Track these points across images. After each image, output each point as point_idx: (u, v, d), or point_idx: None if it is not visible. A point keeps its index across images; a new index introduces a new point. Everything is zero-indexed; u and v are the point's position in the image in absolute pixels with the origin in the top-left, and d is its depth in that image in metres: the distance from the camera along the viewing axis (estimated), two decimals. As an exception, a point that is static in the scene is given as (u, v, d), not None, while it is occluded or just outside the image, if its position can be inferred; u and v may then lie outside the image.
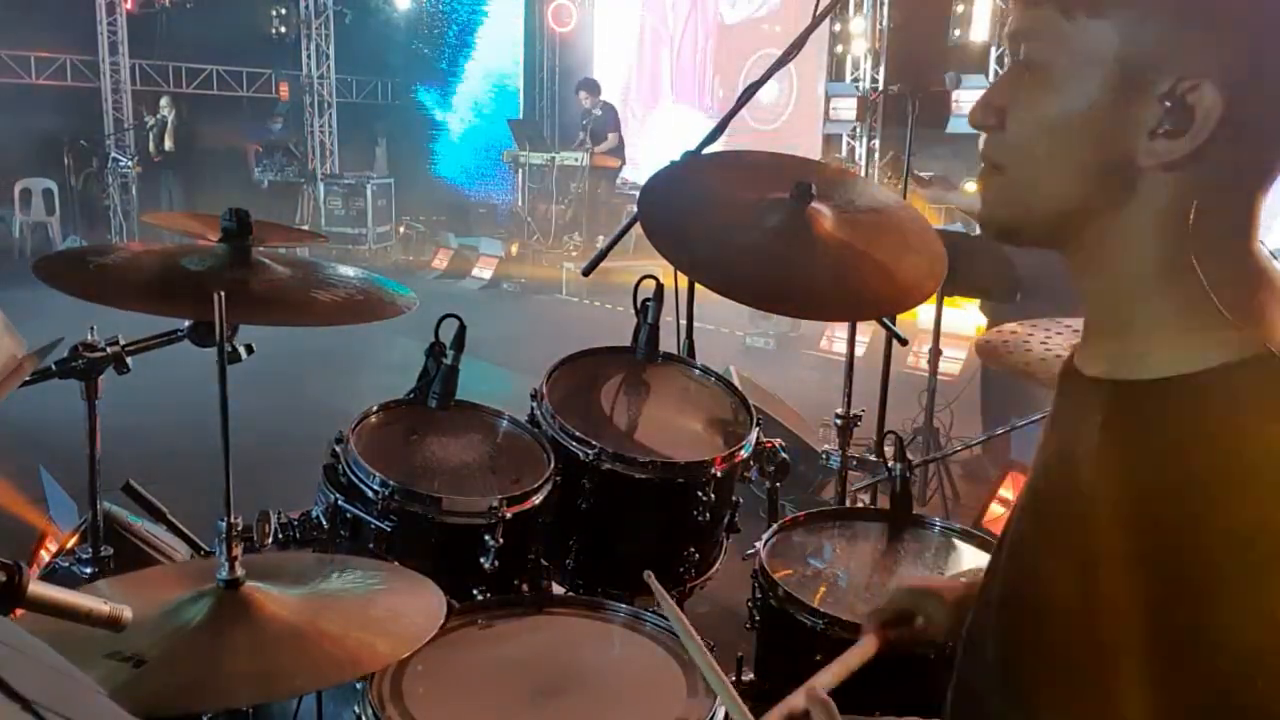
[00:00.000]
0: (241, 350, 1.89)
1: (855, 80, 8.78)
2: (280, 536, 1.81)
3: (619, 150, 11.44)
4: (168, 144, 12.00)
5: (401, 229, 12.81)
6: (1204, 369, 0.80)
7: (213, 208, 1.90)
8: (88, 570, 1.98)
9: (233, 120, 13.20)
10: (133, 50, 12.50)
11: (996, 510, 3.95)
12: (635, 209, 2.00)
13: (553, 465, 2.03)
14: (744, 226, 1.86)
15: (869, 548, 2.05)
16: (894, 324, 2.62)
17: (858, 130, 9.51)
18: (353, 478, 1.90)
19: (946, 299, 4.47)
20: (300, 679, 1.32)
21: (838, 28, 8.54)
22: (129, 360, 1.90)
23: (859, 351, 2.43)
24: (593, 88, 11.55)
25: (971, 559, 1.98)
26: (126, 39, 12.38)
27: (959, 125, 8.39)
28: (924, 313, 5.26)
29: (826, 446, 3.34)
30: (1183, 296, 0.83)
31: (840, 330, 5.26)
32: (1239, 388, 0.79)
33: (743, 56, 11.42)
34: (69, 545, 2.36)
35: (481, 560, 1.88)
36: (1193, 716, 0.74)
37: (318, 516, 1.91)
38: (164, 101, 12.28)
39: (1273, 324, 0.81)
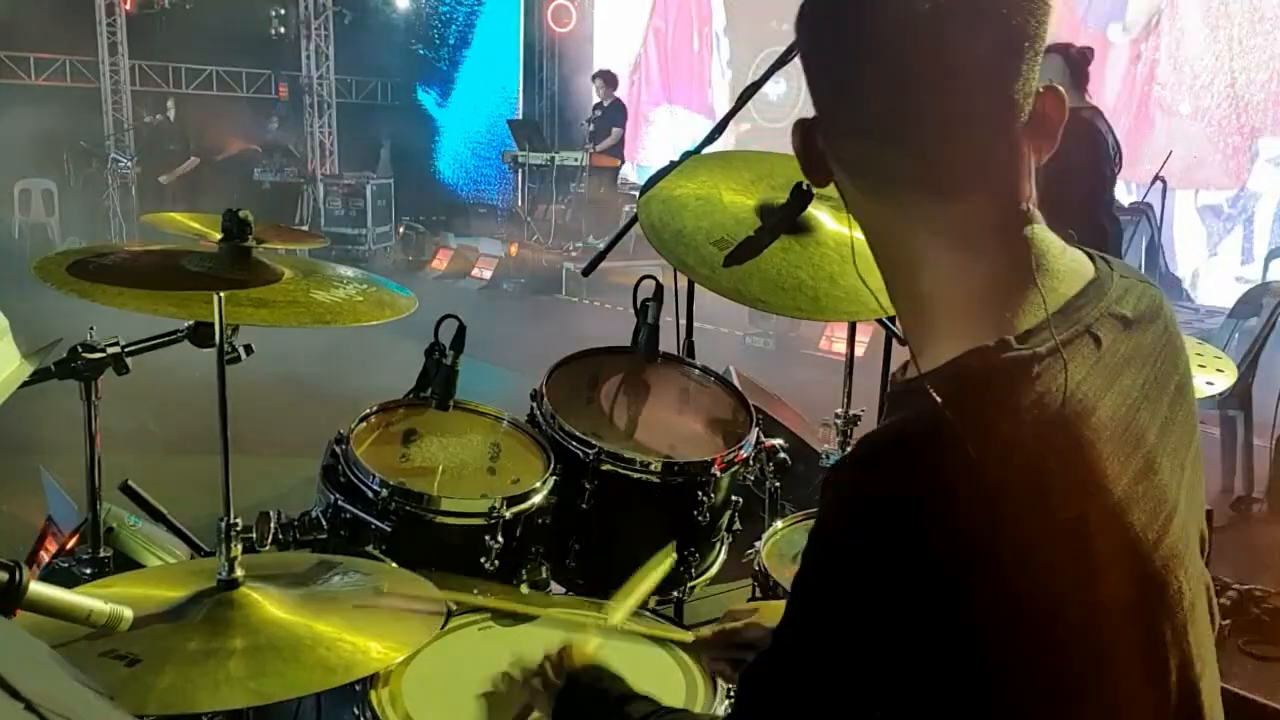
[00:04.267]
0: (241, 351, 1.89)
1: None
2: (280, 537, 1.81)
3: (618, 149, 11.44)
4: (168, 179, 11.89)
5: (401, 229, 12.81)
6: (919, 373, 0.89)
7: (213, 208, 1.90)
8: (88, 570, 1.98)
9: (233, 121, 13.19)
10: (132, 51, 12.50)
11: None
12: (632, 207, 2.00)
13: (553, 465, 2.03)
14: (743, 226, 1.86)
15: (869, 548, 2.05)
16: (894, 324, 2.62)
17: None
18: (352, 478, 1.90)
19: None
20: (297, 682, 1.32)
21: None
22: (128, 361, 1.90)
23: (859, 351, 2.43)
24: (610, 80, 11.52)
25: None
26: (126, 39, 12.38)
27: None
28: (924, 312, 5.24)
29: (826, 446, 3.33)
30: (923, 304, 0.93)
31: (840, 330, 5.25)
32: (939, 385, 0.86)
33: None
34: (69, 545, 2.36)
35: (482, 560, 1.88)
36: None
37: (317, 517, 1.91)
38: (170, 103, 12.29)
39: (1001, 322, 0.88)
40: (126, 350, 1.89)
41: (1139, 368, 0.92)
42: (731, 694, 1.54)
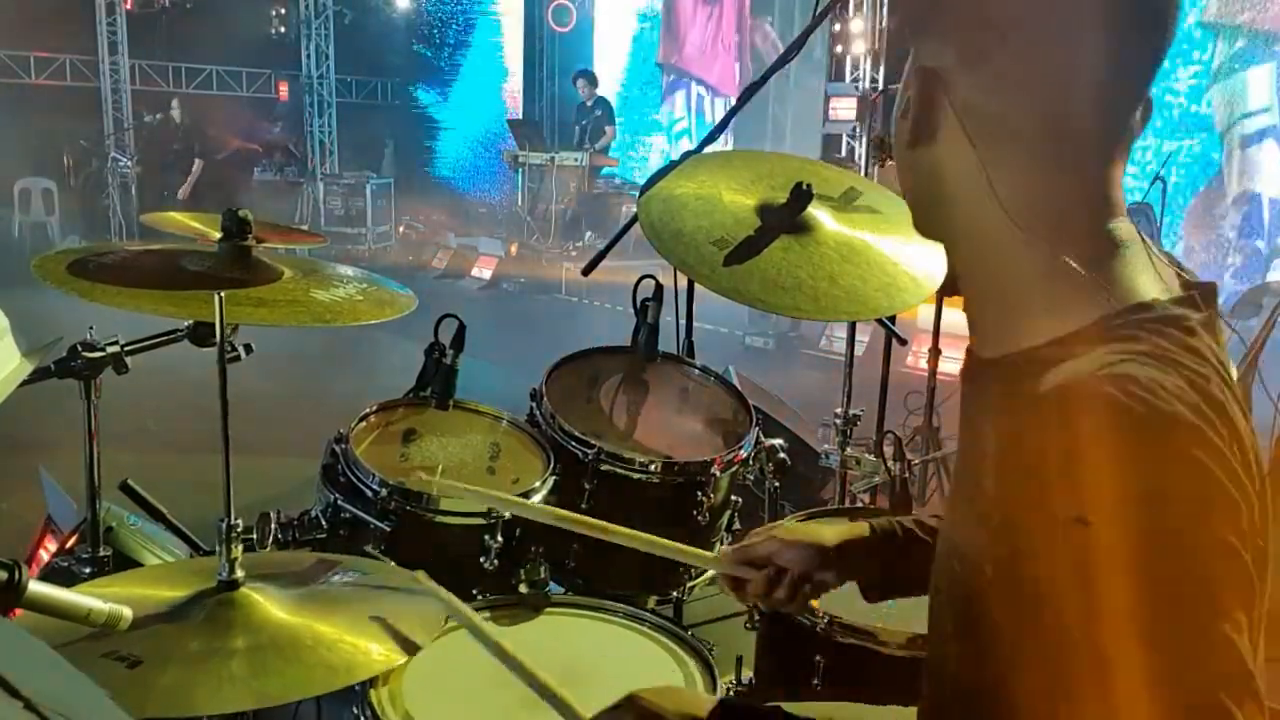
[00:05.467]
0: (241, 350, 1.89)
1: (855, 80, 8.75)
2: (280, 537, 1.81)
3: (608, 148, 11.52)
4: (185, 191, 11.82)
5: (401, 229, 12.80)
6: (1059, 336, 0.86)
7: (212, 207, 1.89)
8: (87, 570, 1.98)
9: (233, 121, 13.19)
10: (132, 50, 12.50)
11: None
12: (632, 206, 2.01)
13: (552, 465, 2.03)
14: (743, 226, 1.86)
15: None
16: (894, 324, 2.62)
17: (857, 130, 9.51)
18: (352, 478, 1.90)
19: (946, 299, 4.46)
20: (299, 682, 1.32)
21: (837, 28, 8.52)
22: (128, 360, 1.89)
23: (859, 351, 2.43)
24: (591, 79, 11.59)
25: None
26: (126, 39, 12.39)
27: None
28: (924, 313, 5.25)
29: (826, 446, 3.33)
30: (1036, 270, 0.89)
31: (840, 330, 5.25)
32: (1077, 350, 0.83)
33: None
34: (68, 545, 2.35)
35: (481, 560, 1.88)
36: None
37: (317, 516, 1.91)
38: (175, 103, 12.30)
39: (1128, 292, 0.87)
40: (126, 350, 1.89)
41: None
42: (731, 690, 1.54)
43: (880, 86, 9.45)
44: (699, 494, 2.07)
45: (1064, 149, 0.88)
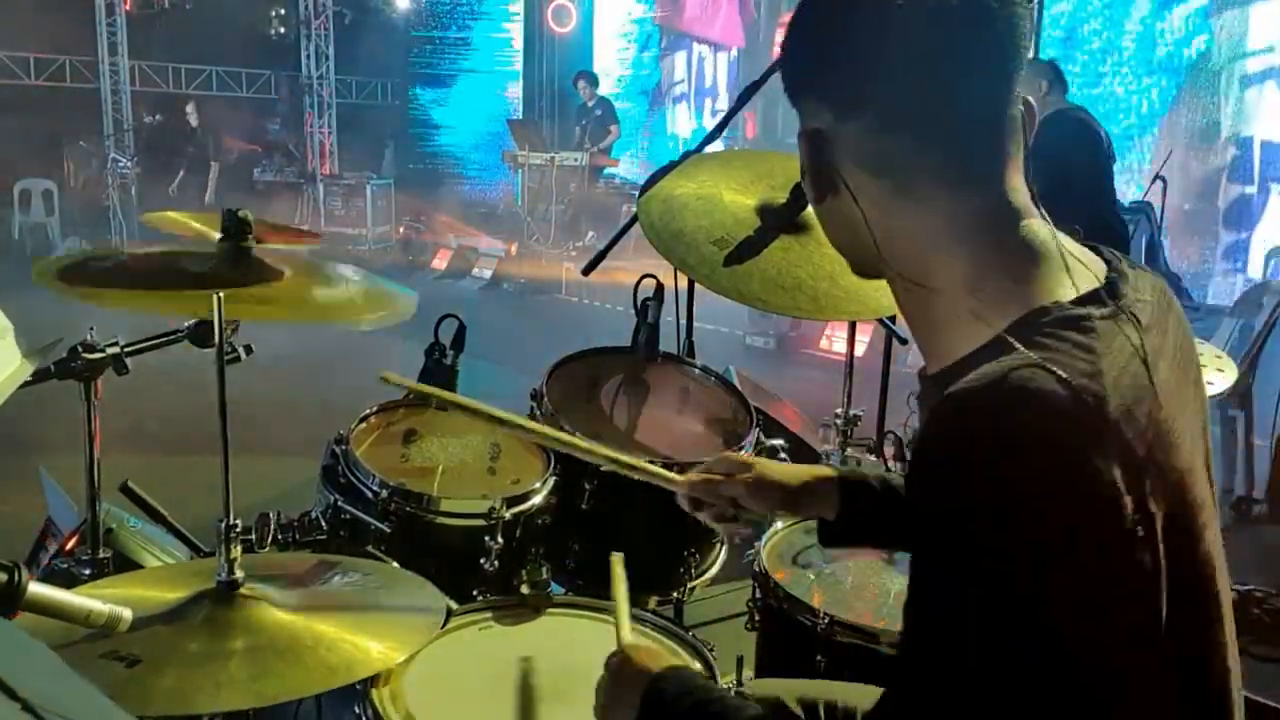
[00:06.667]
0: (241, 350, 1.89)
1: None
2: (280, 538, 1.81)
3: (611, 148, 11.52)
4: (210, 197, 11.85)
5: (401, 229, 12.80)
6: (965, 354, 0.90)
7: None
8: (87, 571, 1.98)
9: (233, 121, 13.19)
10: (132, 51, 12.50)
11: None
12: (632, 206, 2.01)
13: (552, 465, 2.03)
14: (743, 226, 1.86)
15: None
16: (894, 324, 2.62)
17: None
18: (352, 478, 1.90)
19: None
20: (298, 682, 1.32)
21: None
22: (128, 361, 1.89)
23: (859, 351, 2.43)
24: (592, 80, 11.61)
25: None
26: (125, 40, 12.38)
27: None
28: (924, 312, 5.25)
29: (826, 446, 3.33)
30: (955, 288, 0.93)
31: (840, 330, 5.25)
32: (983, 360, 0.87)
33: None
34: (69, 546, 2.35)
35: (482, 561, 1.88)
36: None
37: (317, 517, 1.91)
38: (190, 107, 12.32)
39: (1042, 295, 0.90)
40: (126, 350, 1.89)
41: (1170, 354, 0.94)
42: (732, 690, 1.54)
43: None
44: (699, 494, 2.06)
45: (956, 170, 0.93)
